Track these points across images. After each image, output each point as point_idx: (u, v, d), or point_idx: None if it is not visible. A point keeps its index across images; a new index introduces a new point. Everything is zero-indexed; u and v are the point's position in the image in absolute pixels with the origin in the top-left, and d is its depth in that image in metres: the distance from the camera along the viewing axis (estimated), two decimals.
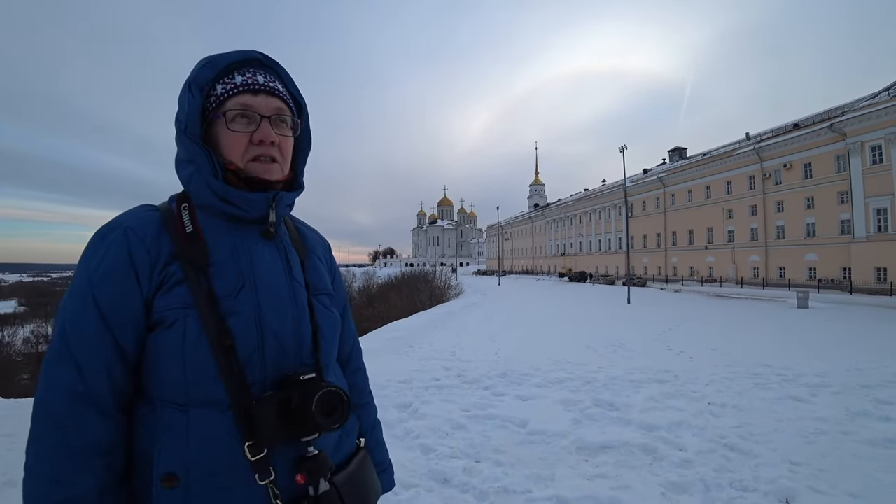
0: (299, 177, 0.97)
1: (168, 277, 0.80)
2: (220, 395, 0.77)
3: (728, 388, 5.91)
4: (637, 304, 23.65)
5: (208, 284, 0.80)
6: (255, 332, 0.81)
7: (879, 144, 30.84)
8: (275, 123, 0.87)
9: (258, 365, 0.80)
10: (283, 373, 0.83)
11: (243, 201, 0.85)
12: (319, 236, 1.09)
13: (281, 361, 0.83)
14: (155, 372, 0.79)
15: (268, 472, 0.77)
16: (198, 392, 0.77)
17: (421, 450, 3.78)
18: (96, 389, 0.75)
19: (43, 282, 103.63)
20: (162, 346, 0.78)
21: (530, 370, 7.04)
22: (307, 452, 0.82)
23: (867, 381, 6.21)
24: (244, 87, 0.86)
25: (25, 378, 27.21)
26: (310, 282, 0.94)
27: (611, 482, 3.22)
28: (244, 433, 0.77)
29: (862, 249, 31.90)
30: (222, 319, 0.79)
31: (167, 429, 0.77)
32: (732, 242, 44.10)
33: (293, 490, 0.80)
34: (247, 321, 0.80)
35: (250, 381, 0.79)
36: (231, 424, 0.77)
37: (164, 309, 0.78)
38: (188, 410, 0.77)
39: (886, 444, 3.90)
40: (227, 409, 0.77)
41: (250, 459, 0.76)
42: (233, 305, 0.80)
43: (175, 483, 0.74)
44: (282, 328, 0.84)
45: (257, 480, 0.77)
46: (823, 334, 12.03)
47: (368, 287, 50.09)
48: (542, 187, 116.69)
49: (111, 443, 0.76)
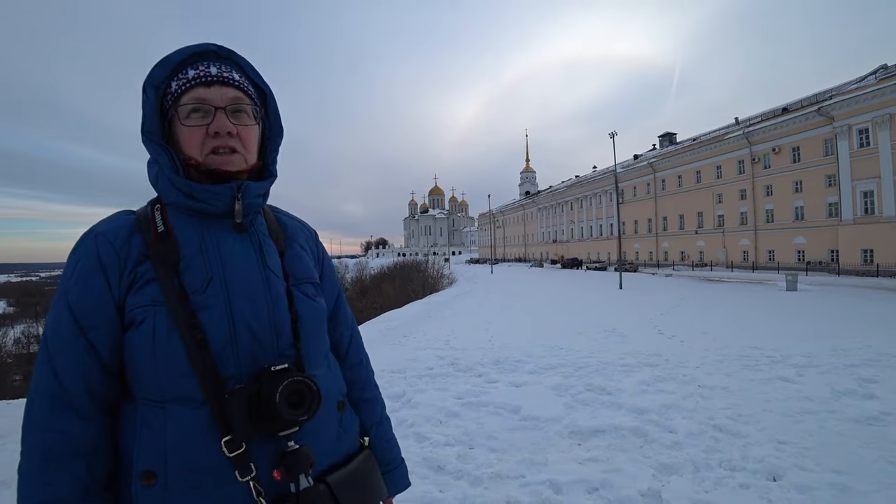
0: (270, 165, 0.95)
1: (138, 277, 0.80)
2: (193, 390, 0.76)
3: (718, 371, 6.00)
4: (629, 289, 23.86)
5: (179, 281, 0.80)
6: (226, 324, 0.80)
7: (866, 128, 31.16)
8: (231, 114, 0.85)
9: (231, 358, 0.79)
10: (260, 365, 0.81)
11: (207, 195, 0.84)
12: (303, 225, 1.06)
13: (257, 353, 0.81)
14: (132, 370, 0.79)
15: (248, 468, 0.76)
16: (172, 388, 0.76)
17: (415, 438, 3.81)
18: (72, 392, 0.76)
19: (31, 281, 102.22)
20: (135, 344, 0.78)
21: (523, 357, 7.10)
22: (287, 447, 0.80)
23: (852, 360, 6.34)
24: (196, 80, 0.85)
25: (17, 379, 27.03)
26: (290, 271, 0.92)
27: (602, 465, 3.28)
28: (221, 429, 0.76)
29: (849, 232, 32.37)
30: (193, 314, 0.78)
31: (146, 426, 0.77)
32: (722, 227, 44.53)
33: (277, 487, 0.79)
34: (217, 314, 0.79)
35: (225, 376, 0.78)
36: (207, 420, 0.76)
37: (134, 308, 0.79)
38: (165, 407, 0.76)
39: (870, 421, 3.98)
40: (203, 404, 0.76)
41: (228, 455, 0.75)
42: (203, 299, 0.80)
43: (154, 481, 0.74)
44: (255, 319, 0.82)
45: (238, 477, 0.76)
46: (811, 316, 12.24)
47: (361, 278, 50.08)
48: (534, 174, 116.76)
49: (91, 445, 0.76)
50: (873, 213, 30.95)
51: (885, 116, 29.85)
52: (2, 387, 22.37)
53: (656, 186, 53.95)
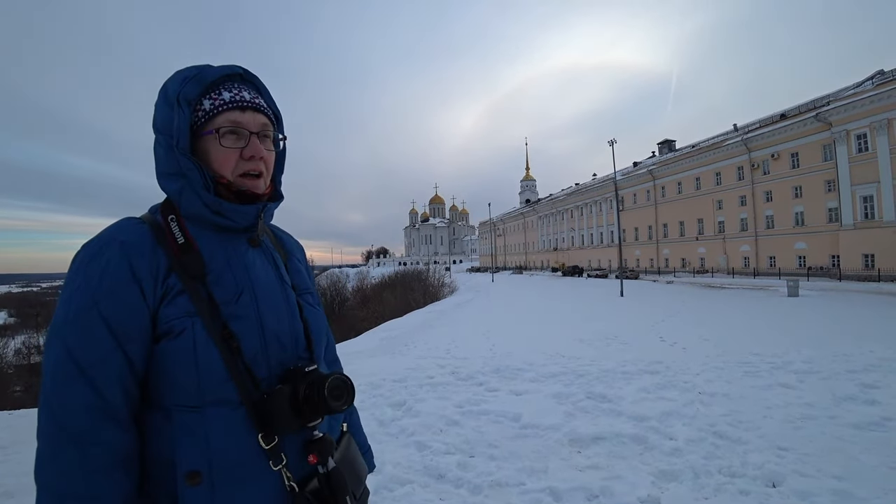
0: (278, 186, 1.02)
1: (170, 289, 0.84)
2: (231, 393, 0.83)
3: (718, 378, 6.00)
4: (630, 296, 23.82)
5: (207, 292, 0.85)
6: (257, 333, 0.87)
7: (864, 133, 31.21)
8: (261, 139, 0.92)
9: (263, 363, 0.87)
10: (285, 367, 0.90)
11: (235, 213, 0.90)
12: (295, 241, 1.15)
13: (282, 358, 0.91)
14: (167, 379, 0.83)
15: (280, 458, 0.84)
16: (211, 393, 0.82)
17: (416, 447, 3.82)
18: (113, 403, 0.79)
19: (32, 292, 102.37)
20: (173, 354, 0.82)
21: (524, 365, 7.10)
22: (313, 436, 0.90)
23: (853, 366, 6.34)
24: (233, 103, 0.90)
25: (18, 390, 26.94)
26: (294, 283, 1.01)
27: (602, 472, 3.28)
28: (256, 425, 0.83)
29: (849, 237, 32.31)
30: (225, 324, 0.84)
31: (185, 431, 0.81)
32: (723, 233, 44.47)
33: (302, 472, 0.87)
34: (250, 324, 0.87)
35: (258, 378, 0.86)
36: (244, 419, 0.83)
37: (170, 319, 0.82)
38: (203, 411, 0.82)
39: (871, 427, 3.99)
40: (239, 405, 0.83)
41: (265, 448, 0.83)
42: (234, 310, 0.86)
43: (198, 479, 0.79)
44: (280, 327, 0.91)
45: (271, 467, 0.83)
46: (813, 321, 12.20)
47: (362, 287, 50.07)
48: (534, 183, 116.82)
49: (129, 453, 0.80)
50: (873, 218, 30.92)
51: (882, 121, 29.93)
52: (2, 397, 22.30)
53: (656, 193, 53.98)
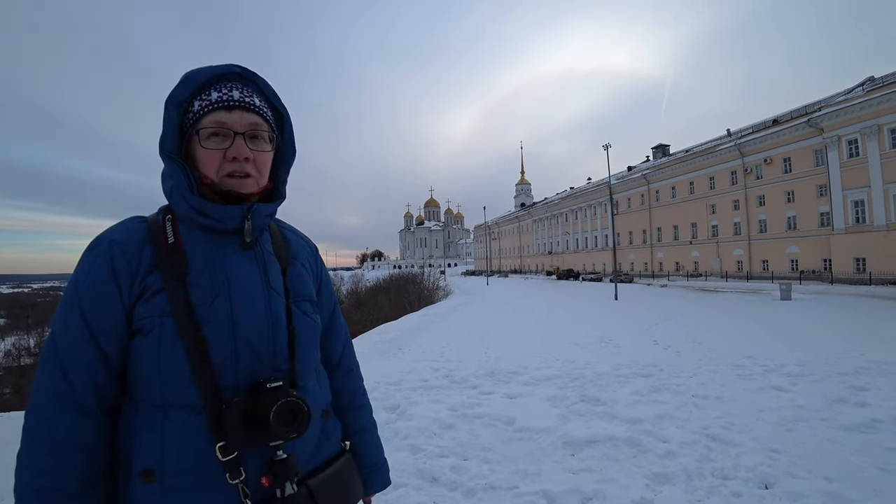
0: (281, 186, 0.99)
1: (148, 287, 0.84)
2: (193, 398, 0.81)
3: (712, 381, 6.02)
4: (624, 300, 23.88)
5: (185, 293, 0.84)
6: (228, 339, 0.84)
7: (855, 138, 31.59)
8: (249, 139, 0.89)
9: (231, 370, 0.84)
10: (256, 378, 0.86)
11: (219, 214, 0.88)
12: (306, 241, 1.10)
13: (255, 367, 0.86)
14: (136, 375, 0.83)
15: (238, 472, 0.81)
16: (173, 395, 0.81)
17: (409, 450, 3.80)
18: (79, 391, 0.80)
19: (23, 293, 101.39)
20: (141, 352, 0.82)
21: (518, 368, 7.09)
22: (276, 456, 0.85)
23: (844, 368, 6.38)
24: (219, 103, 0.88)
25: (7, 392, 26.63)
26: (290, 289, 0.96)
27: (596, 475, 3.28)
28: (216, 434, 0.80)
29: (841, 241, 32.64)
30: (198, 327, 0.82)
31: (146, 428, 0.81)
32: (716, 237, 44.79)
33: (263, 491, 0.83)
34: (221, 329, 0.84)
35: (223, 386, 0.83)
36: (204, 426, 0.81)
37: (143, 317, 0.83)
38: (165, 411, 0.81)
39: (861, 429, 4.02)
40: (201, 411, 0.81)
41: (221, 459, 0.80)
42: (207, 314, 0.84)
43: (151, 478, 0.79)
44: (256, 335, 0.87)
45: (228, 480, 0.80)
46: (805, 325, 12.29)
47: (357, 290, 49.80)
48: (529, 186, 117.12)
49: (92, 440, 0.80)
50: (864, 223, 31.25)
51: (873, 127, 30.30)
52: None
53: (650, 198, 54.29)
